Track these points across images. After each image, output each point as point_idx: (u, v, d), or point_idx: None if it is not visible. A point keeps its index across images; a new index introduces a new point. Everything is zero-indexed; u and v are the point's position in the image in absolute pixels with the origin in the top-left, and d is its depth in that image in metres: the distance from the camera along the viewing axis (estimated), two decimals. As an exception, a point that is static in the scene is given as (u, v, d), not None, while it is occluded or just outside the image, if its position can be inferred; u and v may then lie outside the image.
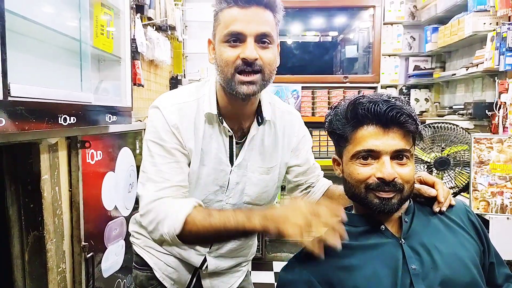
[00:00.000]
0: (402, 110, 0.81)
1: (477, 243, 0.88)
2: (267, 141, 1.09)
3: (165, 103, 1.01)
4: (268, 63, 0.96)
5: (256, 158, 1.08)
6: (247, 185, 1.08)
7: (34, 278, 1.36)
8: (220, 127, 1.03)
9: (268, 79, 0.98)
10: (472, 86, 2.79)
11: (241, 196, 1.09)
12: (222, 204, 1.08)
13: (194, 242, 1.01)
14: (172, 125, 0.99)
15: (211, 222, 0.88)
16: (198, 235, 0.91)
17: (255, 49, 0.93)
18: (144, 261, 1.20)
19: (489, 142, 1.87)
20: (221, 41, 0.96)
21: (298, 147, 1.16)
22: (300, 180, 1.19)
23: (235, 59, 0.94)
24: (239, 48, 0.94)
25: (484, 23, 2.33)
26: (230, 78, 0.95)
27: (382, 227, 0.86)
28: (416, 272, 0.79)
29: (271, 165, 1.10)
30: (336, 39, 4.80)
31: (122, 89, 1.82)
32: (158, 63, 2.59)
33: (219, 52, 0.97)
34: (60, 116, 1.23)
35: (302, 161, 1.17)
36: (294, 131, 1.15)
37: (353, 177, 0.85)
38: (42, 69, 1.37)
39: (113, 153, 1.80)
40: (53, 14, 1.37)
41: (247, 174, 1.07)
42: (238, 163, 1.06)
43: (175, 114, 1.00)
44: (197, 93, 1.05)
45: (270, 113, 1.08)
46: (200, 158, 1.02)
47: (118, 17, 1.78)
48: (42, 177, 1.32)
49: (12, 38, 1.09)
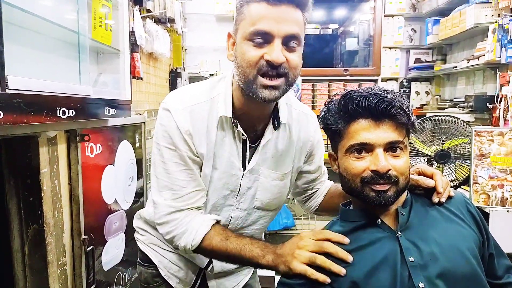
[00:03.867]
0: (393, 103, 0.81)
1: (476, 234, 0.87)
2: (281, 145, 1.04)
3: (177, 106, 0.95)
4: (294, 66, 0.89)
5: (269, 163, 1.04)
6: (258, 190, 1.05)
7: (35, 271, 1.37)
8: (234, 131, 0.98)
9: (292, 83, 0.91)
10: (473, 79, 2.78)
11: (252, 201, 1.06)
12: (232, 208, 1.06)
13: (207, 257, 1.05)
14: (185, 131, 0.94)
15: (228, 247, 0.92)
16: (212, 254, 0.97)
17: (282, 51, 0.86)
18: (148, 258, 1.18)
19: (490, 135, 1.87)
20: (244, 38, 0.88)
21: (313, 152, 1.12)
22: (308, 186, 1.18)
23: (258, 60, 0.86)
24: (264, 49, 0.86)
25: (485, 15, 2.31)
26: (251, 80, 0.87)
27: (378, 221, 0.86)
28: (414, 264, 0.79)
29: (285, 171, 1.06)
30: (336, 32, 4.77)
31: (121, 82, 1.81)
32: (157, 56, 2.58)
33: (241, 50, 0.88)
34: (59, 109, 1.23)
35: (314, 168, 1.15)
36: (309, 135, 1.10)
37: (348, 171, 0.85)
38: (40, 61, 1.36)
39: (112, 146, 1.79)
40: (51, 6, 1.36)
41: (260, 179, 1.03)
42: (251, 167, 1.02)
43: (187, 118, 0.94)
44: (211, 91, 0.99)
45: (286, 115, 1.02)
46: (212, 162, 0.99)
47: (116, 9, 1.77)
48: (41, 171, 1.32)
49: (10, 30, 1.08)
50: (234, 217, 1.07)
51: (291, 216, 3.39)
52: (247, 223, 1.09)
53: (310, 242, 0.86)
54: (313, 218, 3.45)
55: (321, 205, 1.19)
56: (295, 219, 3.43)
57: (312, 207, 1.20)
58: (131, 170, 1.97)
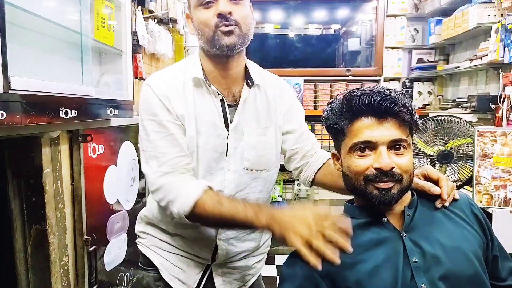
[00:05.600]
0: (396, 100, 0.81)
1: (480, 236, 0.87)
2: (260, 105, 1.12)
3: (154, 79, 1.06)
4: (242, 16, 1.01)
5: (251, 122, 1.11)
6: (245, 150, 1.09)
7: (37, 271, 1.37)
8: (209, 89, 1.06)
9: (246, 33, 1.02)
10: (476, 79, 2.77)
11: (241, 162, 1.10)
12: (224, 172, 1.09)
13: (202, 224, 1.05)
14: (162, 95, 1.02)
15: (221, 211, 0.92)
16: (206, 219, 0.97)
17: (228, 4, 0.98)
18: (150, 261, 1.18)
19: (492, 135, 1.86)
20: (196, 6, 1.02)
21: (290, 111, 1.19)
22: (295, 148, 1.19)
23: (211, 18, 0.99)
24: (213, 8, 0.99)
25: (488, 14, 2.31)
26: (212, 35, 1.00)
27: (384, 219, 0.86)
28: (417, 265, 0.79)
29: (266, 125, 1.13)
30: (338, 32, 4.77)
31: (123, 82, 1.81)
32: (160, 56, 2.58)
33: (196, 17, 1.02)
34: (61, 109, 1.23)
35: (295, 127, 1.19)
36: (284, 95, 1.19)
37: (351, 170, 0.85)
38: (43, 62, 1.36)
39: (114, 146, 1.80)
40: (54, 7, 1.36)
41: (244, 138, 1.09)
42: (234, 126, 1.08)
43: (163, 84, 1.04)
44: (185, 65, 1.11)
45: (259, 78, 1.12)
46: (195, 126, 1.04)
47: (119, 10, 1.77)
48: (44, 171, 1.32)
49: (13, 31, 1.09)
50: (228, 180, 1.09)
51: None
52: (241, 186, 1.11)
53: (313, 223, 0.81)
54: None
55: (318, 177, 1.17)
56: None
57: (308, 177, 1.18)
58: (133, 170, 1.97)
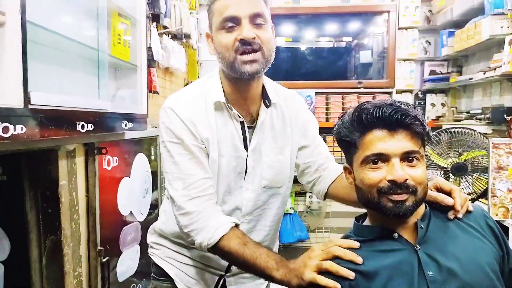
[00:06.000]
0: (407, 112, 0.81)
1: (496, 249, 0.86)
2: (276, 124, 1.13)
3: (177, 102, 1.05)
4: (266, 41, 0.99)
5: (269, 141, 1.11)
6: (264, 169, 1.10)
7: (52, 281, 1.39)
8: (230, 113, 1.06)
9: (268, 57, 1.02)
10: (490, 91, 2.74)
11: (260, 180, 1.11)
12: (242, 190, 1.10)
13: (221, 257, 1.05)
14: (187, 119, 1.02)
15: (244, 252, 0.93)
16: (227, 256, 0.97)
17: (251, 29, 0.97)
18: (164, 272, 1.18)
19: (508, 147, 1.83)
20: (218, 29, 1.00)
21: (305, 125, 1.19)
22: (308, 162, 1.20)
23: (233, 42, 0.97)
24: (236, 32, 0.98)
25: (501, 26, 2.29)
26: (232, 61, 0.98)
27: (395, 235, 0.85)
28: (433, 278, 0.78)
29: (283, 144, 1.14)
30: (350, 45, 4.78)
31: (138, 96, 1.85)
32: (173, 71, 2.63)
33: (218, 40, 1.01)
34: (78, 123, 1.26)
35: (310, 142, 1.20)
36: (300, 112, 1.20)
37: (364, 183, 0.84)
38: (61, 77, 1.41)
39: (128, 159, 1.83)
40: (72, 25, 1.41)
41: (262, 158, 1.10)
42: (253, 147, 1.09)
43: (187, 108, 1.03)
44: (204, 86, 1.09)
45: (275, 96, 1.12)
46: (217, 149, 1.05)
47: (134, 26, 1.82)
48: (60, 183, 1.35)
49: (33, 48, 1.13)
50: (246, 198, 1.10)
51: (305, 228, 3.36)
52: (258, 203, 1.12)
53: (320, 251, 0.87)
54: (327, 231, 3.41)
55: (331, 191, 1.17)
56: (309, 232, 3.40)
57: (321, 191, 1.19)
58: (146, 182, 2.00)
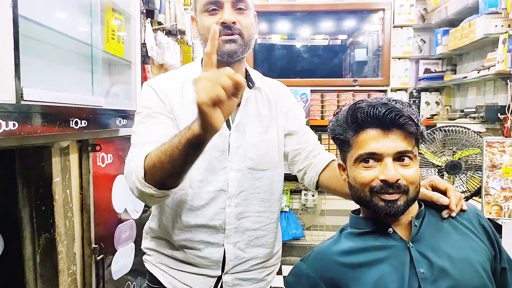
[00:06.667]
0: (401, 112, 0.81)
1: (488, 248, 0.86)
2: (261, 107, 1.14)
3: (155, 79, 1.09)
4: (246, 26, 1.02)
5: (253, 121, 1.12)
6: (248, 148, 1.09)
7: (46, 280, 1.38)
8: None
9: (248, 42, 1.04)
10: (484, 89, 2.76)
11: (245, 161, 1.09)
12: (227, 171, 1.08)
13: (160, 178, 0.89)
14: (160, 90, 1.04)
15: (160, 149, 0.86)
16: (158, 169, 0.86)
17: (232, 14, 1.00)
18: (157, 280, 1.15)
19: (501, 145, 1.85)
20: (201, 12, 1.03)
21: (291, 112, 1.20)
22: (298, 149, 1.19)
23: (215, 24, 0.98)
24: (218, 15, 1.01)
25: (496, 25, 2.30)
26: None
27: (390, 230, 0.86)
28: (424, 276, 0.79)
29: (268, 124, 1.14)
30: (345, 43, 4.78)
31: (132, 92, 1.84)
32: (168, 67, 2.61)
33: (201, 22, 1.03)
34: (72, 119, 1.25)
35: (297, 128, 1.20)
36: (283, 97, 1.21)
37: (357, 181, 0.85)
38: (54, 73, 1.39)
39: (123, 156, 1.82)
40: (65, 20, 1.40)
41: (246, 137, 1.10)
42: (236, 125, 1.08)
43: (163, 83, 1.06)
44: (185, 69, 1.13)
45: (260, 81, 1.14)
46: None
47: (128, 22, 1.81)
48: (53, 180, 1.34)
49: (26, 43, 1.12)
50: (231, 179, 1.08)
51: (300, 226, 3.37)
52: (244, 185, 1.10)
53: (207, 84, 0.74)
54: (322, 228, 3.43)
55: (323, 180, 1.15)
56: (304, 230, 3.41)
57: (312, 178, 1.17)
58: (141, 179, 1.98)
